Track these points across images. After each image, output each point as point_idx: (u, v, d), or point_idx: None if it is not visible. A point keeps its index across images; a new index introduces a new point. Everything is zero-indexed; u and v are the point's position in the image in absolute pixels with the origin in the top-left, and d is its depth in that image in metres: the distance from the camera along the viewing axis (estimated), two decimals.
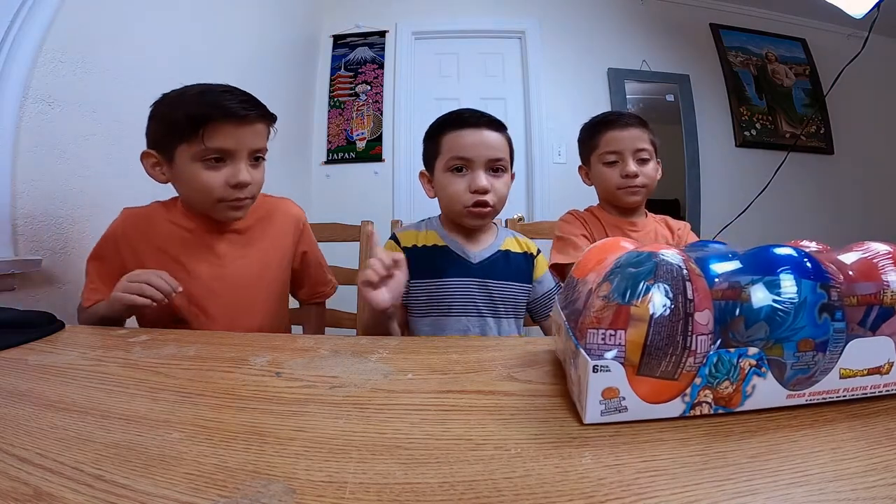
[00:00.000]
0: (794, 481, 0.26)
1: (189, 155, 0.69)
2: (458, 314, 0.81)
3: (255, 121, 0.72)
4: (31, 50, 0.85)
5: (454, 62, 2.58)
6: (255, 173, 0.74)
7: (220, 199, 0.72)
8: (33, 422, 0.35)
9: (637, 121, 0.99)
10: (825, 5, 1.65)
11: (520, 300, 0.86)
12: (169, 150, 0.70)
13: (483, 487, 0.27)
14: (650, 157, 0.98)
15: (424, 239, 0.84)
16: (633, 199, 0.99)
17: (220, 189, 0.71)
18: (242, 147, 0.71)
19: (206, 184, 0.70)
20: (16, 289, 0.83)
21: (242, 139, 0.71)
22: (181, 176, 0.71)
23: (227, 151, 0.70)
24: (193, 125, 0.67)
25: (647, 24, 2.61)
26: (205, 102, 0.68)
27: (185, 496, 0.26)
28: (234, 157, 0.71)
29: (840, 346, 0.34)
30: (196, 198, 0.74)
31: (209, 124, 0.67)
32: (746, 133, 2.53)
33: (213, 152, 0.69)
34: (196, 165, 0.69)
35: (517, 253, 0.87)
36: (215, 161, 0.70)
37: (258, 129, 0.73)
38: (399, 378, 0.44)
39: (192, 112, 0.67)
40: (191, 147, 0.68)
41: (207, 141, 0.67)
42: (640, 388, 0.33)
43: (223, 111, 0.68)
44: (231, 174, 0.71)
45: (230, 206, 0.74)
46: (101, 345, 0.56)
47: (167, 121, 0.69)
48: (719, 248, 0.44)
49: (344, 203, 2.37)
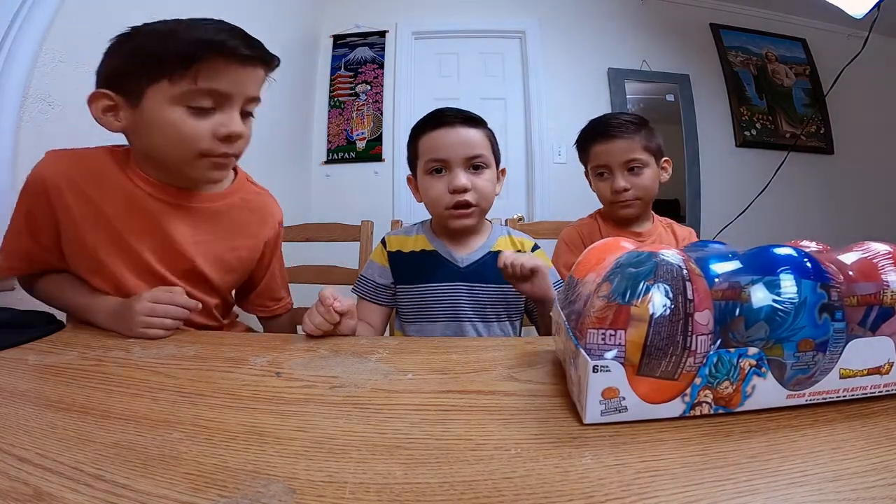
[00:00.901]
0: (794, 481, 0.26)
1: (168, 96, 0.56)
2: (444, 319, 0.79)
3: (257, 63, 0.61)
4: (31, 50, 0.85)
5: (454, 62, 2.57)
6: (245, 127, 0.62)
7: (203, 154, 0.60)
8: (33, 422, 0.35)
9: (626, 128, 0.93)
10: (825, 5, 1.65)
11: (512, 302, 0.81)
12: (136, 91, 0.57)
13: (483, 487, 0.27)
14: (644, 166, 0.93)
15: (413, 244, 0.83)
16: (627, 213, 0.96)
17: (205, 140, 0.58)
18: (240, 93, 0.60)
19: (189, 133, 0.57)
20: (16, 289, 0.83)
21: (242, 83, 0.59)
22: (150, 122, 0.58)
23: (223, 95, 0.58)
24: (184, 61, 0.55)
25: (647, 24, 2.61)
26: (199, 36, 0.56)
27: (185, 496, 0.26)
28: (227, 104, 0.59)
29: (840, 346, 0.34)
30: (169, 150, 0.60)
31: (204, 61, 0.55)
32: (746, 133, 2.53)
33: (204, 95, 0.57)
34: (177, 110, 0.57)
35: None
36: (201, 109, 0.58)
37: (258, 75, 0.62)
38: (399, 378, 0.44)
39: (184, 45, 0.55)
40: (173, 87, 0.56)
41: (201, 81, 0.56)
42: (640, 388, 0.33)
43: (224, 47, 0.56)
44: (221, 123, 0.59)
45: (213, 164, 0.61)
46: (101, 345, 0.56)
47: (142, 54, 0.56)
48: (719, 248, 0.44)
49: (344, 203, 2.37)
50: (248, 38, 0.60)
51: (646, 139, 0.94)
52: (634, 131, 0.93)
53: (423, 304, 0.80)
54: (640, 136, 0.93)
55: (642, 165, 0.93)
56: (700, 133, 2.52)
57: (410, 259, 0.82)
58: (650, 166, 0.95)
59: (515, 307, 0.83)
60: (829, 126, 2.60)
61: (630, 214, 0.97)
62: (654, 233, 1.00)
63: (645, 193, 0.95)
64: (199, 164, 0.61)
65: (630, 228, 0.99)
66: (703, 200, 2.50)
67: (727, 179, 2.49)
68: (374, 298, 0.82)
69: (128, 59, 0.58)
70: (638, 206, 0.96)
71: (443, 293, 0.79)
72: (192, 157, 0.60)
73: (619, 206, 0.96)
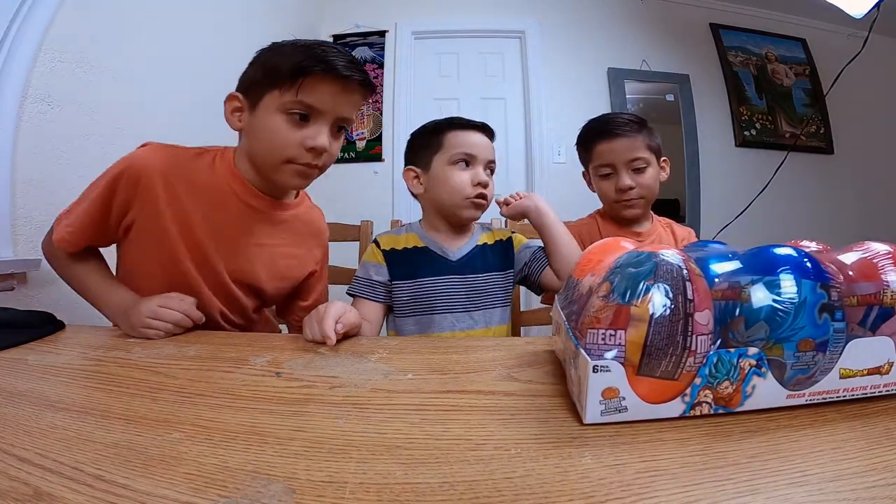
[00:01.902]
0: (794, 481, 0.26)
1: (276, 104, 0.64)
2: (442, 311, 0.83)
3: (356, 87, 0.67)
4: (31, 50, 0.85)
5: (454, 62, 2.57)
6: (334, 144, 0.69)
7: (290, 160, 0.66)
8: (33, 422, 0.35)
9: (630, 126, 0.94)
10: (825, 5, 1.65)
11: (503, 288, 0.89)
12: (257, 96, 0.66)
13: (483, 487, 0.27)
14: (647, 165, 0.94)
15: (405, 242, 0.87)
16: (632, 213, 0.97)
17: (294, 147, 0.65)
18: (333, 111, 0.66)
19: (282, 139, 0.65)
20: (16, 289, 0.83)
21: (336, 102, 0.66)
22: (258, 124, 0.66)
23: (316, 111, 0.65)
24: (293, 74, 0.63)
25: (647, 24, 2.61)
26: (310, 54, 0.63)
27: (185, 496, 0.26)
28: (320, 119, 0.66)
29: (840, 346, 0.34)
30: (264, 152, 0.67)
31: (308, 76, 0.63)
32: (746, 133, 2.53)
33: (302, 107, 0.64)
34: (278, 117, 0.65)
35: (492, 244, 0.91)
36: (300, 118, 0.65)
37: (354, 99, 0.68)
38: (399, 378, 0.44)
39: (296, 60, 0.63)
40: (282, 96, 0.64)
41: (301, 93, 0.63)
42: (640, 388, 0.33)
43: (326, 66, 0.63)
44: (311, 135, 0.65)
45: (296, 171, 0.67)
46: (101, 345, 0.56)
47: (268, 66, 0.65)
48: (719, 248, 0.44)
49: (344, 203, 2.36)
50: (352, 61, 0.66)
51: (648, 138, 0.94)
52: (637, 130, 0.94)
53: (419, 298, 0.84)
54: (642, 135, 0.94)
55: (646, 164, 0.94)
56: (700, 133, 2.52)
57: (404, 256, 0.86)
58: (652, 165, 0.95)
59: (504, 292, 0.89)
60: (828, 126, 2.60)
61: (634, 214, 0.97)
62: (654, 233, 1.00)
63: (648, 192, 0.95)
64: (285, 170, 0.67)
65: (630, 228, 0.99)
66: (703, 200, 2.50)
67: (727, 179, 2.49)
68: (372, 296, 0.84)
69: (257, 69, 0.67)
70: (641, 206, 0.96)
71: (438, 286, 0.84)
72: (279, 162, 0.66)
73: (622, 206, 0.96)
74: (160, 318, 0.60)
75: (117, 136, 1.05)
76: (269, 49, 0.67)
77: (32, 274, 0.86)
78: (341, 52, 0.66)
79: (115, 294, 0.68)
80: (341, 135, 0.71)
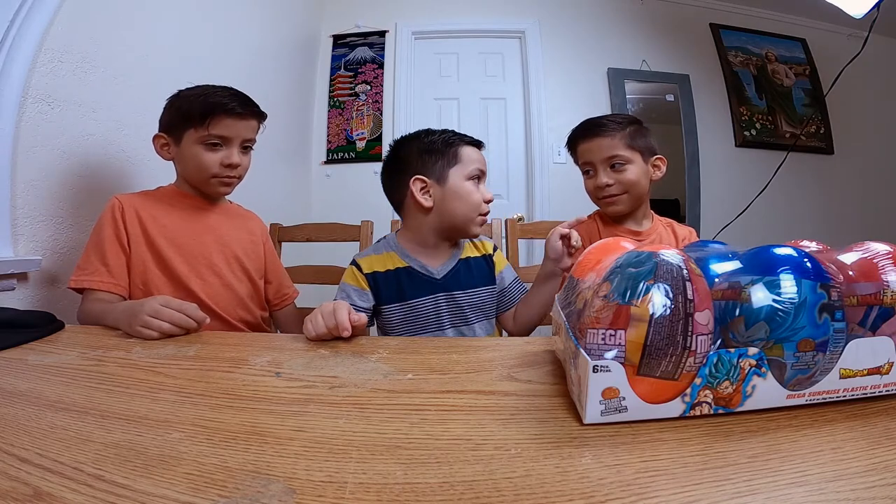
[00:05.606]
0: (794, 481, 0.26)
1: (195, 138, 0.86)
2: (431, 330, 0.84)
3: (250, 117, 0.91)
4: (31, 50, 0.85)
5: (454, 62, 2.57)
6: (244, 158, 0.93)
7: (214, 175, 0.89)
8: (33, 422, 0.35)
9: (608, 127, 0.95)
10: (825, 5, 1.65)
11: (488, 302, 0.90)
12: (178, 134, 0.88)
13: (483, 487, 0.27)
14: (627, 162, 0.94)
15: (384, 263, 0.86)
16: (614, 209, 0.97)
17: (215, 167, 0.88)
18: (237, 136, 0.89)
19: (206, 162, 0.88)
20: (16, 289, 0.83)
21: (238, 130, 0.89)
22: (185, 154, 0.88)
23: (225, 138, 0.88)
24: (202, 116, 0.85)
25: (647, 24, 2.61)
26: (213, 100, 0.86)
27: (185, 496, 0.26)
28: (229, 144, 0.89)
29: (840, 346, 0.34)
30: (194, 173, 0.90)
31: (214, 116, 0.85)
32: (746, 133, 2.53)
33: (214, 138, 0.87)
34: (199, 147, 0.87)
35: (477, 257, 0.91)
36: (214, 146, 0.88)
37: (251, 124, 0.92)
38: (399, 378, 0.44)
39: (203, 106, 0.85)
40: (197, 132, 0.86)
41: (212, 129, 0.86)
42: (640, 388, 0.33)
43: (225, 108, 0.86)
44: (225, 156, 0.89)
45: (221, 182, 0.91)
46: (101, 345, 0.56)
47: (182, 111, 0.87)
48: (719, 248, 0.44)
49: (344, 203, 2.37)
50: (245, 99, 0.90)
51: (629, 137, 0.95)
52: (616, 130, 0.95)
53: (407, 320, 0.84)
54: (622, 134, 0.95)
55: (624, 162, 0.95)
56: (700, 133, 2.52)
57: (387, 278, 0.85)
58: (634, 163, 0.95)
59: (490, 306, 0.90)
60: (828, 126, 2.60)
61: (617, 211, 0.98)
62: (654, 232, 1.00)
63: (630, 188, 0.95)
64: (212, 183, 0.91)
65: (630, 228, 1.00)
66: (703, 200, 2.50)
67: (727, 179, 2.49)
68: None
69: (173, 114, 0.88)
70: (624, 202, 0.97)
71: (425, 306, 0.84)
72: (206, 178, 0.90)
73: (604, 203, 0.99)
74: (159, 318, 0.60)
75: (117, 136, 1.05)
76: (178, 97, 0.89)
77: (32, 274, 0.86)
78: (236, 93, 0.89)
79: (118, 305, 0.73)
80: (248, 150, 0.94)
